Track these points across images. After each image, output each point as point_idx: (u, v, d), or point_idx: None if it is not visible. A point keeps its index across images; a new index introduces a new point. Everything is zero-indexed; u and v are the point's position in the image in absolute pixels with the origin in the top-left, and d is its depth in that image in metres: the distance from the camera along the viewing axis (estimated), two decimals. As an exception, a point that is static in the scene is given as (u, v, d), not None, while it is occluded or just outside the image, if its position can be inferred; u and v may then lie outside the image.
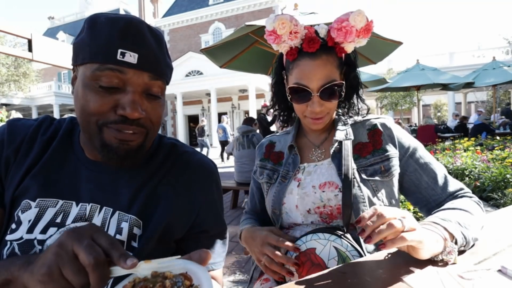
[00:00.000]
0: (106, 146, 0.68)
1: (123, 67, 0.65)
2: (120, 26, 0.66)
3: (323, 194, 0.95)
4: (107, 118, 0.66)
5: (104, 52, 0.64)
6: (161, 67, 0.71)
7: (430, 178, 0.95)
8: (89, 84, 0.65)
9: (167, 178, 0.79)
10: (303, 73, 0.94)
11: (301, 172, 1.04)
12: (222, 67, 4.94)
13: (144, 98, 0.69)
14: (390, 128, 1.00)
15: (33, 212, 0.67)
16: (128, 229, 0.70)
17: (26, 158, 0.71)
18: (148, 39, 0.69)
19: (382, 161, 0.96)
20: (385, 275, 0.68)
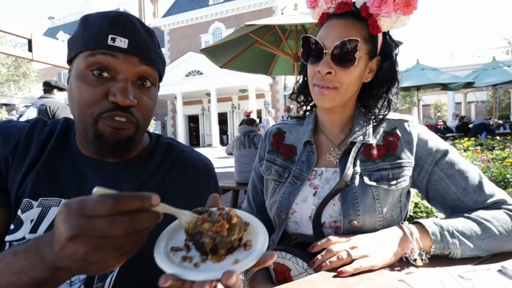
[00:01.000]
0: (99, 136, 0.68)
1: (114, 51, 0.66)
2: (111, 15, 0.68)
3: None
4: (100, 107, 0.67)
5: (95, 38, 0.66)
6: (151, 53, 0.72)
7: (459, 189, 0.83)
8: (82, 75, 0.67)
9: (168, 177, 0.80)
10: (324, 32, 0.88)
11: (318, 178, 0.92)
12: (222, 67, 4.94)
13: (136, 87, 0.70)
14: (411, 133, 0.89)
15: (35, 212, 0.67)
16: None
17: (25, 158, 0.71)
18: (138, 28, 0.71)
19: (391, 168, 0.86)
20: (385, 275, 0.68)
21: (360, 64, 0.86)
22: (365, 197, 0.82)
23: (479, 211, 0.78)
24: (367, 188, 0.83)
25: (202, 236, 0.44)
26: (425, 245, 0.72)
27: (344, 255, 0.69)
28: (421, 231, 0.74)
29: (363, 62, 0.87)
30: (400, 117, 0.94)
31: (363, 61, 0.87)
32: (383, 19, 0.84)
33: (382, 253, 0.71)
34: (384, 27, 0.85)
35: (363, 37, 0.85)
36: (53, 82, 4.01)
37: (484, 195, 0.80)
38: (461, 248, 0.72)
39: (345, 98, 0.90)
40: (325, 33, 0.87)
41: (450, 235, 0.73)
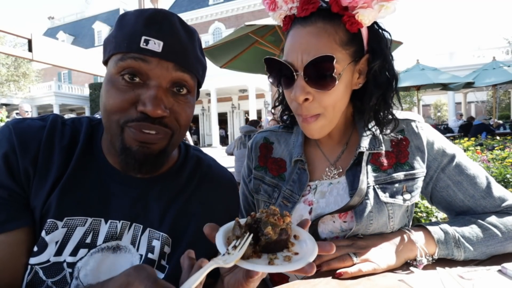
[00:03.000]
0: (126, 149, 0.62)
1: (146, 55, 0.59)
2: (147, 14, 0.61)
3: (344, 224, 0.77)
4: (128, 116, 0.61)
5: (127, 40, 0.60)
6: (189, 58, 0.65)
7: (467, 196, 0.78)
8: (112, 79, 0.61)
9: (196, 194, 0.76)
10: (289, 46, 0.73)
11: (313, 192, 0.82)
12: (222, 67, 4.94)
13: (169, 95, 0.63)
14: (420, 137, 0.80)
15: (60, 233, 0.61)
16: (160, 247, 0.67)
17: (49, 170, 0.63)
18: (176, 28, 0.63)
19: (406, 180, 0.77)
20: (385, 275, 0.67)
21: (343, 78, 0.71)
22: (380, 216, 0.75)
23: (487, 216, 0.76)
24: (383, 206, 0.75)
25: (261, 225, 0.49)
26: (430, 250, 0.72)
27: (346, 259, 0.69)
28: (426, 237, 0.73)
29: (347, 73, 0.72)
30: (406, 117, 0.84)
31: (346, 71, 0.72)
32: (362, 11, 0.67)
33: (385, 258, 0.69)
34: (366, 20, 0.68)
35: (339, 41, 0.69)
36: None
37: (494, 201, 0.77)
38: (465, 254, 0.72)
39: (335, 121, 0.78)
40: (290, 47, 0.72)
41: (455, 242, 0.72)
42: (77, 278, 0.61)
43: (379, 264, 0.68)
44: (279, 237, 0.48)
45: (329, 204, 0.79)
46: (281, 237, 0.49)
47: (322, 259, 0.70)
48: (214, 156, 0.88)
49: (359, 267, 0.66)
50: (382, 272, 0.68)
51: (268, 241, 0.48)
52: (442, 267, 0.69)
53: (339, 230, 0.78)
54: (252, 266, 0.44)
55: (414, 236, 0.73)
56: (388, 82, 0.77)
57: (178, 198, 0.73)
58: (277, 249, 0.49)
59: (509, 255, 0.74)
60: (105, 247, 0.64)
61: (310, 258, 0.46)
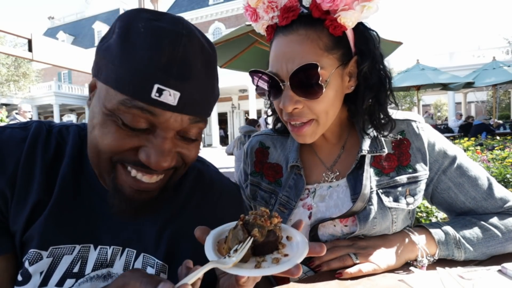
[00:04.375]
0: (118, 193, 0.54)
1: (158, 108, 0.48)
2: (163, 45, 0.47)
3: (345, 228, 0.77)
4: (123, 156, 0.52)
5: (134, 83, 0.47)
6: (208, 106, 0.55)
7: (468, 198, 0.77)
8: (110, 116, 0.50)
9: (196, 214, 0.68)
10: (273, 56, 0.71)
11: (311, 196, 0.81)
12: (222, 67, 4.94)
13: (178, 140, 0.54)
14: (421, 138, 0.78)
15: (45, 263, 0.55)
16: (155, 275, 0.62)
17: (29, 191, 0.56)
18: (197, 68, 0.51)
19: (408, 183, 0.76)
20: (385, 275, 0.67)
21: (332, 84, 0.69)
22: (384, 221, 0.74)
23: (488, 217, 0.76)
24: (387, 211, 0.74)
25: (249, 227, 0.48)
26: (430, 250, 0.72)
27: (346, 259, 0.69)
28: (427, 237, 0.74)
29: (335, 77, 0.70)
30: (406, 117, 0.82)
31: (335, 76, 0.70)
32: (344, 14, 0.65)
33: (386, 259, 0.70)
34: (349, 23, 0.67)
35: (324, 47, 0.67)
36: None
37: (495, 202, 0.77)
38: (466, 255, 0.72)
39: (328, 124, 0.76)
40: (274, 57, 0.71)
41: (455, 243, 0.72)
42: None
43: (379, 265, 0.68)
44: (266, 239, 0.47)
45: (329, 208, 0.78)
46: (269, 239, 0.48)
47: (322, 259, 0.70)
48: (214, 156, 0.86)
49: (359, 267, 0.66)
50: (382, 272, 0.68)
51: (254, 243, 0.47)
52: (442, 267, 0.69)
53: (340, 234, 0.77)
54: (236, 270, 0.43)
55: (415, 237, 0.73)
56: (380, 83, 0.75)
57: (175, 218, 0.66)
58: (266, 251, 0.48)
59: (509, 255, 0.74)
60: (95, 275, 0.59)
61: (297, 260, 0.45)
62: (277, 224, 0.50)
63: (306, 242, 0.49)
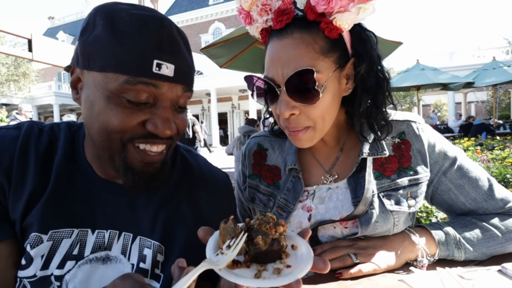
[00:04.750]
0: (129, 168, 0.60)
1: (159, 80, 0.56)
2: (152, 29, 0.55)
3: (345, 230, 0.76)
4: (133, 134, 0.58)
5: (136, 63, 0.54)
6: (193, 76, 0.64)
7: (469, 199, 0.77)
8: (113, 98, 0.56)
9: (187, 200, 0.73)
10: (268, 61, 0.70)
11: (310, 198, 0.80)
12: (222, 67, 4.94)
13: (174, 111, 0.62)
14: (421, 140, 0.77)
15: (46, 246, 0.59)
16: (152, 256, 0.65)
17: (24, 182, 0.61)
18: (181, 46, 0.60)
19: (410, 185, 0.75)
20: (385, 275, 0.67)
21: (329, 88, 0.68)
22: (385, 225, 0.73)
23: (489, 217, 0.76)
24: (388, 215, 0.73)
25: (253, 233, 0.46)
26: (430, 251, 0.72)
27: (346, 259, 0.69)
28: (427, 238, 0.74)
29: (332, 81, 0.69)
30: (406, 117, 0.81)
31: (332, 80, 0.68)
32: (339, 16, 0.63)
33: (386, 259, 0.70)
34: (345, 25, 0.65)
35: (320, 50, 0.66)
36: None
37: (496, 203, 0.77)
38: (466, 255, 0.72)
39: (326, 129, 0.75)
40: (269, 62, 0.69)
41: (456, 243, 0.72)
42: None
43: (379, 265, 0.68)
44: (269, 248, 0.45)
45: (329, 210, 0.77)
46: (272, 248, 0.46)
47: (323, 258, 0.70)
48: (214, 156, 0.87)
49: (359, 268, 0.66)
50: (382, 272, 0.68)
51: (257, 251, 0.45)
52: (442, 267, 0.69)
53: (340, 235, 0.77)
54: (235, 278, 0.41)
55: (415, 237, 0.74)
56: (378, 85, 0.73)
57: (168, 204, 0.70)
58: (268, 260, 0.46)
59: (509, 255, 0.74)
60: (94, 258, 0.63)
61: (298, 274, 0.43)
62: (283, 233, 0.48)
63: (311, 255, 0.47)
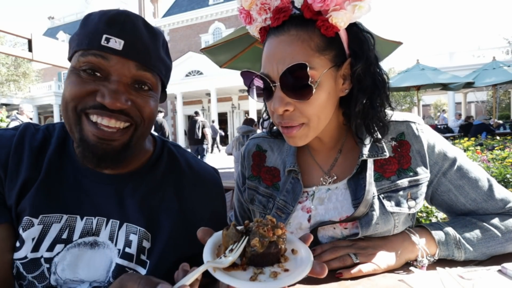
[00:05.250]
0: (83, 141, 0.63)
1: (107, 53, 0.61)
2: (110, 14, 0.63)
3: (345, 230, 0.76)
4: (85, 103, 0.62)
5: (89, 37, 0.61)
6: (151, 57, 0.66)
7: (469, 200, 0.77)
8: (74, 72, 0.63)
9: (174, 191, 0.76)
10: (264, 57, 0.71)
11: (310, 199, 0.80)
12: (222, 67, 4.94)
13: (131, 90, 0.65)
14: (421, 140, 0.77)
15: (36, 230, 0.63)
16: (138, 242, 0.68)
17: (19, 171, 0.66)
18: (139, 28, 0.64)
19: (410, 186, 0.75)
20: (385, 275, 0.67)
21: (323, 85, 0.68)
22: (386, 226, 0.74)
23: (489, 217, 0.76)
24: (389, 216, 0.73)
25: (251, 235, 0.46)
26: (430, 251, 0.72)
27: (346, 259, 0.69)
28: (427, 238, 0.74)
29: (327, 79, 0.69)
30: (405, 118, 0.80)
31: (327, 78, 0.68)
32: (335, 14, 0.64)
33: (386, 259, 0.70)
34: (341, 23, 0.65)
35: (315, 47, 0.66)
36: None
37: (496, 204, 0.77)
38: (466, 255, 0.72)
39: (320, 128, 0.74)
40: (266, 59, 0.70)
41: (456, 243, 0.72)
42: (55, 273, 0.64)
43: (379, 265, 0.68)
44: (267, 250, 0.45)
45: (329, 211, 0.77)
46: (270, 251, 0.45)
47: (322, 259, 0.70)
48: (214, 156, 0.88)
49: (359, 268, 0.66)
50: (382, 272, 0.68)
51: (253, 253, 0.45)
52: (442, 267, 0.69)
53: (340, 236, 0.77)
54: (229, 279, 0.41)
55: (415, 237, 0.74)
56: (375, 86, 0.73)
57: (154, 194, 0.73)
58: (266, 263, 0.46)
59: (509, 255, 0.74)
60: (82, 242, 0.66)
61: (295, 278, 0.42)
62: (281, 236, 0.47)
63: (310, 259, 0.47)
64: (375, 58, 0.73)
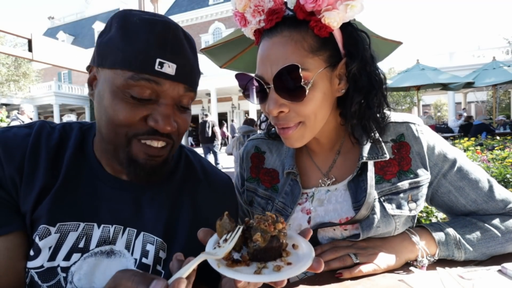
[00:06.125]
0: (133, 161, 0.63)
1: (160, 78, 0.59)
2: (158, 31, 0.60)
3: (345, 232, 0.76)
4: (137, 129, 0.62)
5: (140, 60, 0.58)
6: (196, 78, 0.67)
7: (469, 201, 0.77)
8: (119, 93, 0.60)
9: (190, 200, 0.75)
10: (259, 59, 0.71)
11: (309, 200, 0.80)
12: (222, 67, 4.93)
13: (176, 110, 0.65)
14: (420, 142, 0.76)
15: (53, 238, 0.62)
16: (155, 252, 0.67)
17: (35, 176, 0.63)
18: (185, 48, 0.64)
19: (411, 188, 0.75)
20: (385, 275, 0.67)
21: (318, 86, 0.68)
22: (386, 228, 0.73)
23: (489, 217, 0.76)
24: (390, 219, 0.72)
25: (252, 231, 0.47)
26: (430, 251, 0.72)
27: (346, 259, 0.69)
28: (427, 238, 0.74)
29: (322, 79, 0.68)
30: (405, 119, 0.79)
31: (322, 78, 0.68)
32: (327, 14, 0.64)
33: (386, 259, 0.70)
34: (334, 23, 0.65)
35: (309, 48, 0.66)
36: None
37: (496, 205, 0.77)
38: (466, 255, 0.72)
39: (317, 127, 0.73)
40: (260, 61, 0.70)
41: (456, 244, 0.72)
42: (71, 283, 0.62)
43: (379, 265, 0.68)
44: (269, 245, 0.46)
45: (328, 212, 0.77)
46: (272, 245, 0.46)
47: (322, 259, 0.70)
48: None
49: (359, 268, 0.66)
50: (382, 272, 0.68)
51: (256, 248, 0.45)
52: (442, 267, 0.69)
53: (340, 237, 0.77)
54: (234, 273, 0.42)
55: (415, 237, 0.74)
56: (371, 85, 0.72)
57: (171, 203, 0.72)
58: (268, 257, 0.47)
59: (509, 255, 0.74)
60: (98, 251, 0.65)
61: (299, 269, 0.43)
62: (282, 230, 0.48)
63: (311, 251, 0.48)
64: (371, 58, 0.73)
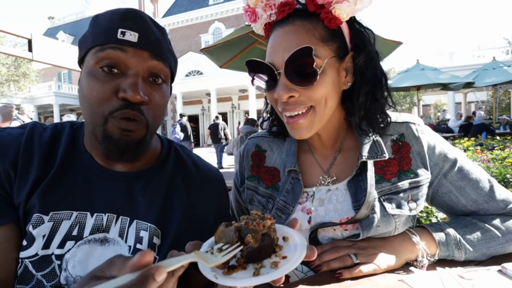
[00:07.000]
0: (108, 137, 0.66)
1: (124, 45, 0.64)
2: (121, 11, 0.67)
3: (345, 232, 0.76)
4: (111, 106, 0.64)
5: (104, 33, 0.64)
6: (163, 48, 0.70)
7: (470, 201, 0.77)
8: (92, 72, 0.65)
9: (182, 189, 0.78)
10: (269, 47, 0.73)
11: (310, 200, 0.80)
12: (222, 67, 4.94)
13: (147, 83, 0.68)
14: (421, 142, 0.77)
15: (47, 227, 0.64)
16: (148, 238, 0.69)
17: (29, 170, 0.66)
18: (148, 23, 0.68)
19: (411, 188, 0.75)
20: (385, 275, 0.67)
21: (327, 73, 0.69)
22: (386, 228, 0.73)
23: (490, 218, 0.76)
24: (390, 219, 0.73)
25: (241, 234, 0.46)
26: (430, 251, 0.72)
27: (346, 259, 0.69)
28: (427, 238, 0.74)
29: (331, 68, 0.70)
30: (405, 119, 0.80)
31: (330, 66, 0.70)
32: (338, 6, 0.67)
33: (386, 259, 0.70)
34: (344, 15, 0.68)
35: (319, 37, 0.68)
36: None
37: (497, 205, 0.77)
38: (466, 255, 0.72)
39: (326, 116, 0.74)
40: (271, 49, 0.72)
41: (456, 244, 0.72)
42: (66, 270, 0.64)
43: (379, 265, 0.68)
44: (261, 244, 0.46)
45: (329, 212, 0.77)
46: (264, 243, 0.46)
47: (322, 259, 0.70)
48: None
49: (359, 268, 0.66)
50: (382, 272, 0.68)
51: (249, 250, 0.45)
52: (442, 267, 0.69)
53: (340, 237, 0.77)
54: (233, 281, 0.41)
55: (415, 237, 0.74)
56: (376, 79, 0.74)
57: (163, 192, 0.75)
58: (263, 256, 0.46)
59: (509, 255, 0.74)
60: (92, 239, 0.67)
61: (296, 262, 0.43)
62: (271, 226, 0.48)
63: (303, 241, 0.48)
64: (375, 54, 0.75)
